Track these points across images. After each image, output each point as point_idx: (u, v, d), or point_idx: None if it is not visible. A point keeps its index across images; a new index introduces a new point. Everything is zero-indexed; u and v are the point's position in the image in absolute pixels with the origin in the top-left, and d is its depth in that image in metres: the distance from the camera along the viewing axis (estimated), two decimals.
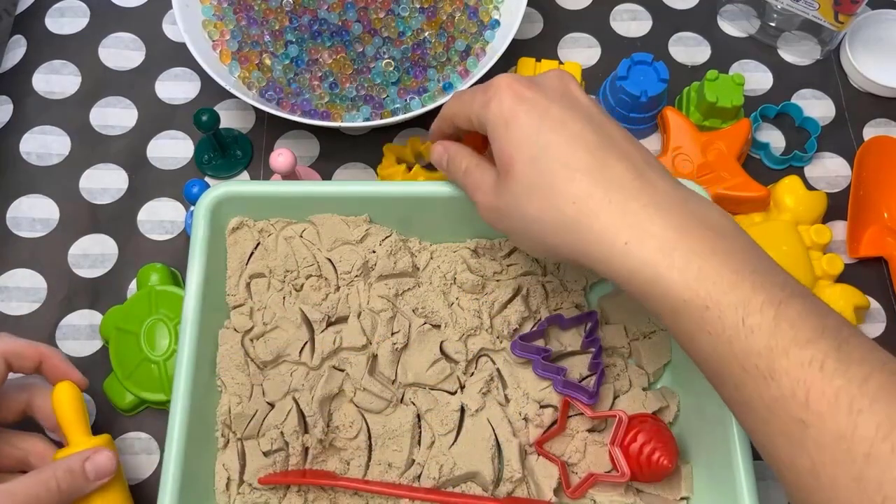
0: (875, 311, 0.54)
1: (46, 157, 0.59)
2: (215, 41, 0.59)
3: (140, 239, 0.56)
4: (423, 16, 0.59)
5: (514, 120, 0.37)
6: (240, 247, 0.48)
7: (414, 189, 0.49)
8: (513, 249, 0.51)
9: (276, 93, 0.57)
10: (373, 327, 0.47)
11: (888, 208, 0.57)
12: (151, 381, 0.50)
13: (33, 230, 0.57)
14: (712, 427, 0.44)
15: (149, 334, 0.50)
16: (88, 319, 0.54)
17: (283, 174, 0.50)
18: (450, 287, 0.49)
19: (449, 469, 0.45)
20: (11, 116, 0.60)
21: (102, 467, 0.42)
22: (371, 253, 0.48)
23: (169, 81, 0.62)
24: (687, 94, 0.60)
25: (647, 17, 0.65)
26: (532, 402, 0.47)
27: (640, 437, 0.43)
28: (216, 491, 0.45)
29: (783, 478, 0.33)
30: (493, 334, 0.48)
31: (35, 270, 0.55)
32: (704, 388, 0.44)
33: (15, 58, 0.63)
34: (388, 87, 0.58)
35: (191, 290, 0.45)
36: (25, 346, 0.44)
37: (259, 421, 0.45)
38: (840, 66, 0.63)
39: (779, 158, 0.58)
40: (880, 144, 0.58)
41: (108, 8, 0.65)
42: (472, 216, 0.49)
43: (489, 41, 0.59)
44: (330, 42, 0.59)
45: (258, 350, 0.46)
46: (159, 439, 0.50)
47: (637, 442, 0.43)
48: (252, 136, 0.60)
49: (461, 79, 0.57)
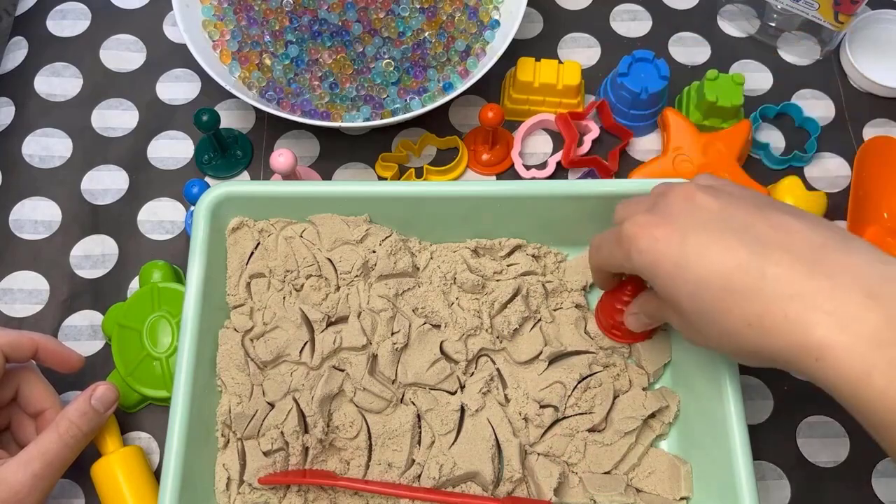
0: None
1: (48, 159, 0.59)
2: (215, 41, 0.59)
3: (140, 239, 0.56)
4: (423, 16, 0.59)
5: (658, 266, 0.36)
6: (240, 247, 0.48)
7: (414, 189, 0.49)
8: (513, 249, 0.51)
9: (276, 93, 0.57)
10: (373, 327, 0.47)
11: (888, 208, 0.56)
12: (154, 377, 0.50)
13: (36, 232, 0.57)
14: (712, 427, 0.44)
15: (151, 331, 0.51)
16: (90, 320, 0.54)
17: (284, 174, 0.50)
18: (450, 287, 0.49)
19: (449, 469, 0.45)
20: (13, 119, 0.60)
21: (106, 397, 0.45)
22: (371, 253, 0.48)
23: (169, 82, 0.62)
24: (687, 94, 0.60)
25: (646, 17, 0.65)
26: (532, 402, 0.47)
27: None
28: (216, 491, 0.45)
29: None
30: (493, 334, 0.48)
31: (37, 272, 0.55)
32: (704, 388, 0.45)
33: (16, 60, 0.63)
34: (388, 87, 0.58)
35: (191, 290, 0.45)
36: (20, 336, 0.45)
37: (259, 421, 0.45)
38: (840, 67, 0.63)
39: (779, 159, 0.58)
40: (880, 145, 0.58)
41: (109, 10, 0.65)
42: (472, 216, 0.49)
43: (489, 41, 0.59)
44: (330, 42, 0.59)
45: (258, 350, 0.46)
46: (160, 439, 0.51)
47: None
48: (252, 136, 0.60)
49: (461, 79, 0.57)
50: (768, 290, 0.33)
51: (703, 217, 0.36)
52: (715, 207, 0.36)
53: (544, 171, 0.58)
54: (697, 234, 0.35)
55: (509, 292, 0.49)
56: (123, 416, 0.51)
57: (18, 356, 0.45)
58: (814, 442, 0.51)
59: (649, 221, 0.37)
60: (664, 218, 0.37)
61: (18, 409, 0.47)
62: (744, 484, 0.41)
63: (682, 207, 0.37)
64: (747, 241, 0.34)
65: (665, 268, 0.36)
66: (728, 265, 0.34)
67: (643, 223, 0.37)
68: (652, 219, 0.37)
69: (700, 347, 0.39)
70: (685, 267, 0.35)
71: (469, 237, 0.51)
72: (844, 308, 0.31)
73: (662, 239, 0.36)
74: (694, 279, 0.35)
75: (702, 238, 0.35)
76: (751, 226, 0.35)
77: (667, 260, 0.35)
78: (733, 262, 0.34)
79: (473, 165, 0.59)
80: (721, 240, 0.34)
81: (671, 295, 0.36)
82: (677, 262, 0.35)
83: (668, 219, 0.36)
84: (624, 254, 0.38)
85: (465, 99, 0.61)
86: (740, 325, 0.34)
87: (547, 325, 0.49)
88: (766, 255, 0.33)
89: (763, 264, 0.33)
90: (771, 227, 0.34)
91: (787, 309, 0.32)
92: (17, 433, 0.47)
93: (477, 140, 0.59)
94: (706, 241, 0.35)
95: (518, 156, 0.58)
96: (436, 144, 0.59)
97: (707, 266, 0.34)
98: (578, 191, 0.48)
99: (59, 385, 0.48)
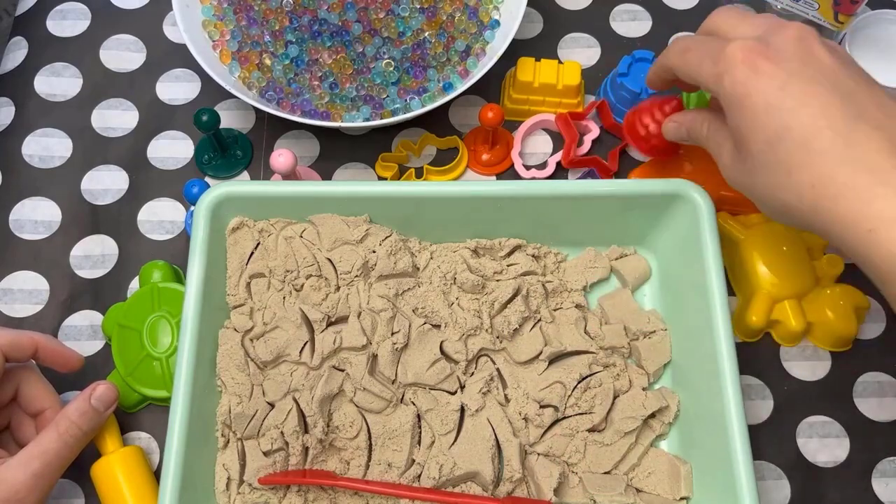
0: (875, 311, 0.54)
1: (48, 159, 0.59)
2: (215, 41, 0.59)
3: (140, 239, 0.56)
4: (423, 16, 0.59)
5: (748, 99, 0.35)
6: (240, 247, 0.48)
7: (414, 189, 0.49)
8: (513, 249, 0.51)
9: (276, 93, 0.57)
10: (373, 327, 0.47)
11: None
12: (154, 377, 0.50)
13: (36, 232, 0.57)
14: (712, 427, 0.44)
15: (151, 331, 0.51)
16: (90, 320, 0.54)
17: (284, 174, 0.50)
18: (450, 287, 0.49)
19: (449, 469, 0.45)
20: (13, 119, 0.60)
21: (106, 396, 0.45)
22: (371, 253, 0.48)
23: (169, 82, 0.62)
24: (687, 93, 0.60)
25: (646, 17, 0.65)
26: (532, 402, 0.47)
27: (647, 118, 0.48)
28: (216, 491, 0.45)
29: None
30: (493, 334, 0.48)
31: (37, 272, 0.55)
32: (704, 387, 0.45)
33: (16, 60, 0.63)
34: (388, 87, 0.58)
35: (191, 290, 0.45)
36: (20, 336, 0.45)
37: (259, 421, 0.45)
38: None
39: None
40: None
41: (109, 10, 0.65)
42: (472, 216, 0.49)
43: (489, 41, 0.59)
44: (330, 42, 0.59)
45: (258, 350, 0.46)
46: (159, 439, 0.51)
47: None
48: (252, 136, 0.60)
49: (461, 79, 0.57)
50: (848, 159, 0.32)
51: (814, 68, 0.35)
52: (829, 63, 0.35)
53: (544, 171, 0.58)
54: (802, 84, 0.34)
55: (509, 292, 0.49)
56: (123, 416, 0.51)
57: (18, 356, 0.45)
58: (814, 442, 0.51)
59: (759, 51, 0.35)
60: (777, 54, 0.35)
61: (18, 409, 0.47)
62: (744, 484, 0.41)
63: (795, 51, 0.35)
64: (847, 107, 0.33)
65: (755, 103, 0.34)
66: (819, 123, 0.33)
67: (752, 49, 0.35)
68: (762, 49, 0.35)
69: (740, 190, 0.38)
70: (777, 110, 0.34)
71: (469, 237, 0.51)
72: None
73: (766, 74, 0.34)
74: (779, 126, 0.34)
75: (806, 88, 0.34)
76: (856, 94, 0.34)
77: (760, 97, 0.34)
78: (825, 122, 0.33)
79: (473, 165, 0.59)
80: (823, 96, 0.34)
81: (747, 133, 0.35)
82: (771, 102, 0.34)
83: (778, 56, 0.35)
84: (717, 73, 0.36)
85: (465, 99, 0.61)
86: (804, 185, 0.33)
87: (547, 325, 0.49)
88: (859, 127, 0.33)
89: (853, 134, 0.33)
90: (874, 102, 0.34)
91: (858, 179, 0.32)
92: (16, 433, 0.47)
93: (477, 140, 0.58)
94: (809, 93, 0.34)
95: (518, 156, 0.58)
96: (436, 144, 0.59)
97: (799, 118, 0.33)
98: (578, 191, 0.48)
99: (59, 385, 0.48)
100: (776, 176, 0.34)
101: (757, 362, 0.53)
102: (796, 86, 0.34)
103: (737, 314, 0.53)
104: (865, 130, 0.33)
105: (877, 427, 0.51)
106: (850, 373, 0.53)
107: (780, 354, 0.53)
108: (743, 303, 0.53)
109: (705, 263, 0.46)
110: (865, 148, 0.33)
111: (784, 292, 0.51)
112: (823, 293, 0.52)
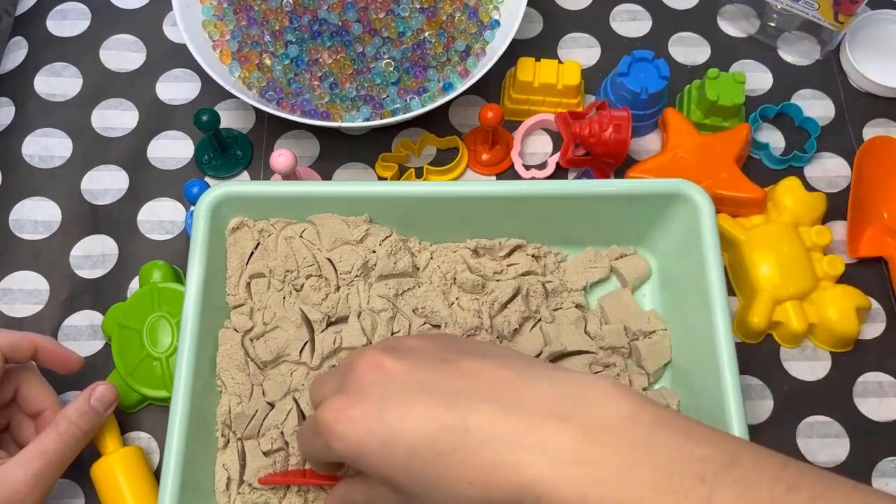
0: (875, 311, 0.54)
1: (48, 159, 0.59)
2: (215, 41, 0.59)
3: (140, 239, 0.56)
4: (423, 16, 0.59)
5: (363, 448, 0.33)
6: (240, 247, 0.48)
7: (414, 189, 0.49)
8: (513, 249, 0.51)
9: (276, 93, 0.57)
10: (373, 327, 0.47)
11: (888, 208, 0.57)
12: (154, 377, 0.50)
13: (36, 232, 0.57)
14: None
15: (151, 331, 0.51)
16: (90, 320, 0.54)
17: (284, 174, 0.50)
18: (450, 287, 0.49)
19: None
20: (13, 119, 0.60)
21: (105, 397, 0.45)
22: (371, 253, 0.48)
23: (169, 82, 0.62)
24: (688, 93, 0.60)
25: (646, 17, 0.65)
26: None
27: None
28: (216, 491, 0.45)
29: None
30: (493, 334, 0.48)
31: (37, 272, 0.55)
32: (704, 387, 0.45)
33: (16, 60, 0.63)
34: (388, 87, 0.58)
35: (191, 291, 0.45)
36: (20, 338, 0.45)
37: (259, 421, 0.45)
38: (840, 67, 0.63)
39: (779, 159, 0.58)
40: (880, 145, 0.58)
41: (109, 10, 0.65)
42: (472, 216, 0.49)
43: (489, 41, 0.59)
44: (330, 42, 0.59)
45: (258, 350, 0.46)
46: (159, 439, 0.51)
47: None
48: (252, 136, 0.60)
49: (461, 79, 0.57)
50: (475, 443, 0.31)
51: (395, 384, 0.34)
52: (402, 370, 0.34)
53: (544, 171, 0.58)
54: (394, 405, 0.33)
55: (509, 292, 0.49)
56: (123, 416, 0.51)
57: (18, 357, 0.45)
58: (814, 442, 0.51)
59: (343, 403, 0.34)
60: (358, 395, 0.34)
61: (18, 410, 0.47)
62: None
63: (372, 378, 0.34)
64: (441, 398, 0.32)
65: (371, 448, 0.33)
66: (431, 428, 0.32)
67: (337, 406, 0.34)
68: (346, 399, 0.34)
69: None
70: (392, 442, 0.32)
71: (469, 237, 0.51)
72: (545, 438, 0.30)
73: (361, 419, 0.33)
74: (404, 451, 0.32)
75: (399, 408, 0.33)
76: (439, 381, 0.33)
77: (372, 439, 0.33)
78: (435, 423, 0.32)
79: (473, 165, 0.59)
80: (417, 404, 0.33)
81: (385, 474, 0.33)
82: (383, 438, 0.32)
83: (362, 395, 0.34)
84: (324, 444, 0.34)
85: (465, 99, 0.61)
86: (462, 486, 0.31)
87: (547, 325, 0.49)
88: (462, 406, 0.32)
89: (463, 417, 0.32)
90: (459, 376, 0.33)
91: (496, 455, 0.31)
92: (16, 433, 0.47)
93: (477, 140, 0.59)
94: (404, 410, 0.33)
95: (518, 156, 0.58)
96: (436, 144, 0.59)
97: (412, 435, 0.32)
98: (578, 191, 0.48)
99: (59, 385, 0.48)
100: (439, 491, 0.32)
101: (757, 362, 0.53)
102: (391, 410, 0.33)
103: (738, 316, 0.53)
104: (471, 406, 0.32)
105: (877, 427, 0.51)
106: (850, 373, 0.53)
107: (781, 354, 0.53)
108: (744, 304, 0.53)
109: (705, 263, 0.45)
110: (481, 423, 0.32)
111: (785, 293, 0.51)
112: (824, 294, 0.52)
